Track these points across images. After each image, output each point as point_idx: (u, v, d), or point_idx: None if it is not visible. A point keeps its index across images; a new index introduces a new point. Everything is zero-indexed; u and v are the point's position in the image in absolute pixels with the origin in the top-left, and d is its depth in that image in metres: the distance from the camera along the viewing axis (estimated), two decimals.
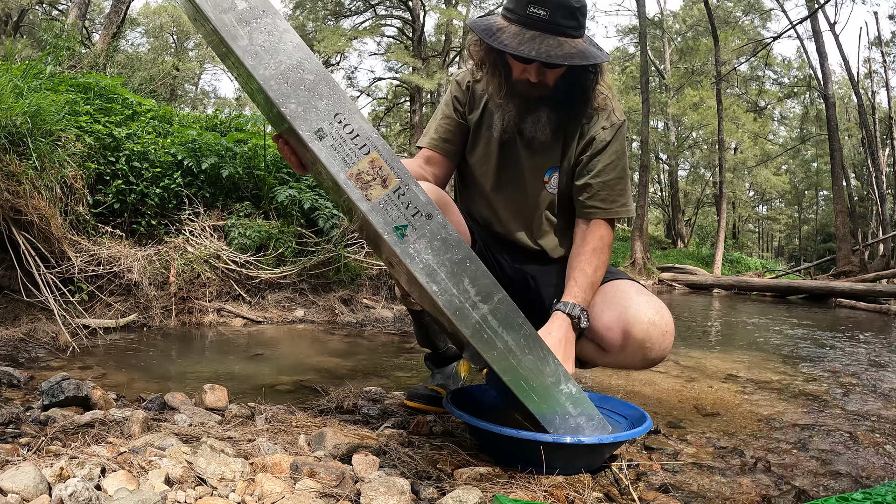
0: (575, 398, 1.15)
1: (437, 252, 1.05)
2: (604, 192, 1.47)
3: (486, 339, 1.08)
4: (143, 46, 25.74)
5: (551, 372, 1.13)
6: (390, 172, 1.03)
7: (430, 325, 1.72)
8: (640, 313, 1.36)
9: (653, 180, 28.35)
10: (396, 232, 1.03)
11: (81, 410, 1.40)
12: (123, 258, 3.13)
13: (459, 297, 1.06)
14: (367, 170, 1.02)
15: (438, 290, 1.05)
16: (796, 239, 40.72)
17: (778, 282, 10.75)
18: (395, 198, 1.03)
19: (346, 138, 1.02)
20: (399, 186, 1.03)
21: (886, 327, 4.96)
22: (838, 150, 14.86)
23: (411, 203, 1.04)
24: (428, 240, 1.04)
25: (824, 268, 18.95)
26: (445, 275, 1.06)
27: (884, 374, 2.56)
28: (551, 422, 1.14)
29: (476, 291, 1.07)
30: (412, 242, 1.04)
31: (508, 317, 1.09)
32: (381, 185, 1.02)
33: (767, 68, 26.24)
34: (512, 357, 1.10)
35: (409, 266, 1.04)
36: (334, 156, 1.01)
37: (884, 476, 1.29)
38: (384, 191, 1.03)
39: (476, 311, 1.07)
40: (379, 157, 1.02)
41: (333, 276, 3.87)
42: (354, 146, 1.02)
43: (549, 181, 1.54)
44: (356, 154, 1.02)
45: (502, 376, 1.10)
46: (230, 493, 0.96)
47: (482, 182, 1.59)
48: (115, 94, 4.04)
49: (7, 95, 2.73)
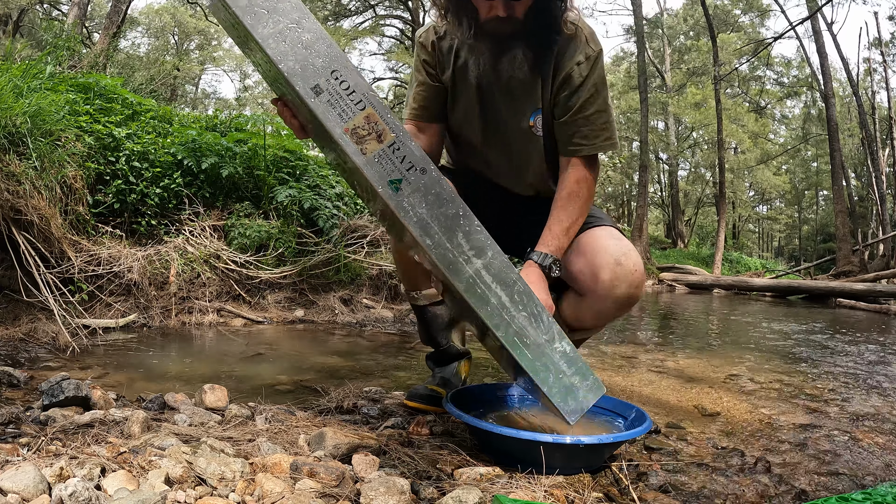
0: (569, 357, 1.15)
1: (430, 206, 1.06)
2: (585, 128, 1.44)
3: (480, 294, 1.09)
4: (144, 46, 25.75)
5: (545, 329, 1.13)
6: (385, 128, 1.04)
7: (432, 321, 1.72)
8: (608, 255, 1.39)
9: (653, 180, 28.35)
10: (391, 185, 1.05)
11: (81, 410, 1.40)
12: (123, 258, 3.13)
13: (453, 252, 1.07)
14: (362, 125, 1.04)
15: (432, 244, 1.06)
16: (796, 239, 40.71)
17: (778, 282, 10.75)
18: (389, 152, 1.05)
19: (342, 94, 1.03)
20: (394, 141, 1.05)
21: (886, 327, 4.96)
22: (838, 150, 14.86)
23: (406, 157, 1.05)
24: (422, 194, 1.06)
25: (824, 268, 18.95)
26: (439, 228, 1.07)
27: (884, 374, 2.56)
28: (545, 380, 1.13)
29: (470, 246, 1.08)
30: (406, 196, 1.05)
31: (502, 272, 1.10)
32: (377, 139, 1.04)
33: (768, 68, 26.25)
34: (505, 313, 1.10)
35: (402, 219, 1.05)
36: (330, 111, 1.03)
37: (884, 476, 1.29)
38: (379, 145, 1.04)
39: (470, 265, 1.08)
40: (374, 112, 1.04)
41: (333, 276, 3.87)
42: (350, 102, 1.03)
43: (534, 124, 1.50)
44: (352, 109, 1.04)
45: (496, 332, 1.10)
46: (230, 493, 0.96)
47: (470, 137, 1.58)
48: (115, 94, 4.04)
49: (7, 95, 2.73)
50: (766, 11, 24.42)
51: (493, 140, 1.56)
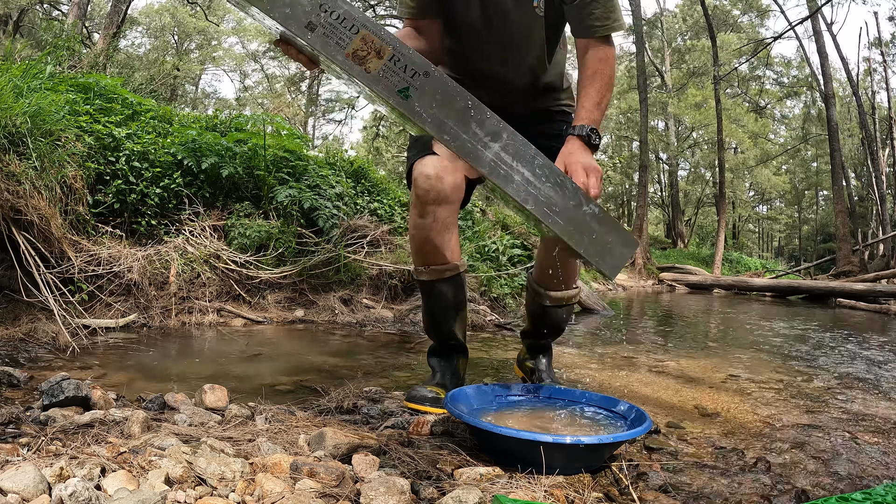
0: (598, 217, 1.20)
1: (440, 105, 1.13)
2: (598, 10, 1.47)
3: (504, 174, 1.16)
4: (144, 46, 25.74)
5: (571, 195, 1.19)
6: (382, 44, 1.10)
7: (438, 300, 1.72)
8: None
9: (653, 180, 28.35)
10: (401, 94, 1.12)
11: (81, 410, 1.40)
12: (123, 258, 3.13)
13: (470, 141, 1.14)
14: (360, 47, 1.10)
15: (450, 139, 1.14)
16: (796, 239, 40.71)
17: (778, 282, 10.75)
18: (391, 65, 1.11)
19: (335, 24, 1.09)
20: (393, 54, 1.11)
21: (886, 327, 4.96)
22: (838, 150, 14.86)
23: (407, 66, 1.11)
24: (430, 96, 1.13)
25: (824, 268, 18.95)
26: (454, 123, 1.14)
27: (883, 374, 2.56)
28: (580, 243, 1.19)
29: (485, 133, 1.15)
30: (416, 100, 1.12)
31: (520, 151, 1.16)
32: (377, 56, 1.10)
33: (767, 68, 26.25)
34: (531, 187, 1.16)
35: (419, 123, 1.13)
36: (328, 42, 1.09)
37: (884, 476, 1.29)
38: (381, 62, 1.10)
39: (488, 150, 1.15)
40: (369, 33, 1.10)
41: (333, 276, 3.87)
42: (344, 29, 1.09)
43: (538, 5, 1.53)
44: (347, 36, 1.09)
45: (525, 206, 1.16)
46: (230, 493, 0.96)
47: (469, 21, 1.58)
48: (115, 94, 4.04)
49: (7, 95, 2.73)
50: (765, 11, 24.43)
51: (493, 22, 1.57)
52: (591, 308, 5.22)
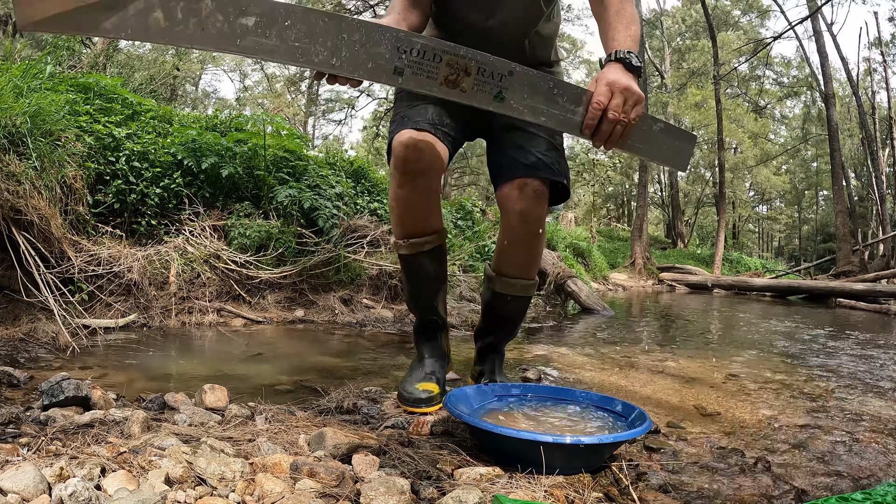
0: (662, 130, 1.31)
1: (531, 94, 1.20)
2: None
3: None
4: (144, 46, 25.71)
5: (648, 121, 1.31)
6: (465, 61, 1.15)
7: (418, 272, 1.70)
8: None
9: (653, 180, 28.34)
10: (496, 99, 1.18)
11: (81, 410, 1.40)
12: (123, 258, 3.13)
13: (561, 114, 1.23)
14: (449, 72, 1.15)
15: (546, 119, 1.21)
16: (796, 239, 40.72)
17: (778, 282, 10.75)
18: (481, 77, 1.17)
19: (419, 61, 1.13)
20: (479, 67, 1.16)
21: (886, 327, 4.96)
22: (838, 150, 14.86)
23: (494, 72, 1.17)
24: (520, 91, 1.19)
25: (824, 268, 18.95)
26: (545, 106, 1.21)
27: (883, 374, 2.56)
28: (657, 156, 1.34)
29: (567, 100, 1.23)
30: (511, 99, 1.19)
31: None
32: (466, 74, 1.16)
33: (767, 68, 26.25)
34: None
35: (517, 116, 1.21)
36: (420, 79, 1.14)
37: (884, 476, 1.29)
38: (471, 78, 1.16)
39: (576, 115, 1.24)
40: (451, 56, 1.14)
41: (333, 276, 3.87)
42: (428, 61, 1.13)
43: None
44: (434, 66, 1.14)
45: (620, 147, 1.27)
46: (230, 493, 0.96)
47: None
48: (115, 94, 4.04)
49: (7, 95, 2.73)
50: (765, 11, 24.43)
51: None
52: (591, 308, 5.22)
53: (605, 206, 35.34)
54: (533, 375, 2.22)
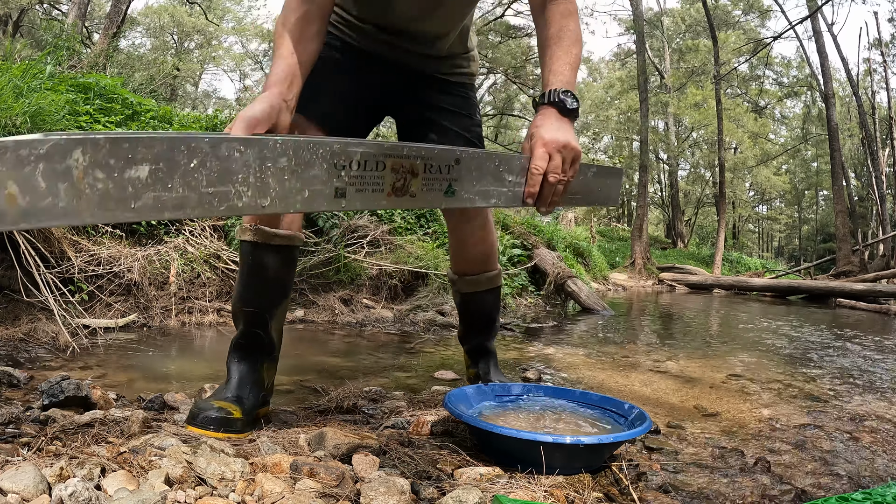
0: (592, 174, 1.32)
1: (479, 179, 1.12)
2: None
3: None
4: (144, 46, 25.72)
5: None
6: (410, 161, 1.04)
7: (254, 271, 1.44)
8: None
9: (653, 180, 28.34)
10: (448, 195, 1.09)
11: (81, 410, 1.40)
12: (123, 258, 3.13)
13: (510, 189, 1.16)
14: (395, 178, 1.02)
15: (496, 201, 1.14)
16: (796, 239, 40.72)
17: (778, 282, 10.75)
18: (429, 175, 1.06)
19: (360, 174, 0.98)
20: (424, 164, 1.06)
21: (886, 327, 4.96)
22: (838, 150, 14.86)
23: (441, 165, 1.07)
24: (468, 178, 1.10)
25: (824, 268, 18.95)
26: (494, 186, 1.14)
27: (883, 374, 2.56)
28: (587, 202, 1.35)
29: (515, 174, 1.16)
30: (461, 190, 1.10)
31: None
32: (413, 175, 1.05)
33: (767, 68, 26.26)
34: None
35: (469, 205, 1.13)
36: (365, 196, 0.99)
37: (884, 476, 1.29)
38: (419, 178, 1.05)
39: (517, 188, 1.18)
40: (394, 159, 1.02)
41: (333, 276, 3.87)
42: (371, 172, 0.99)
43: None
44: (378, 176, 1.00)
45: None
46: (230, 493, 0.96)
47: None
48: (115, 94, 4.04)
49: (7, 95, 2.73)
50: (766, 11, 24.43)
51: None
52: (591, 308, 5.22)
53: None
54: (533, 375, 2.22)
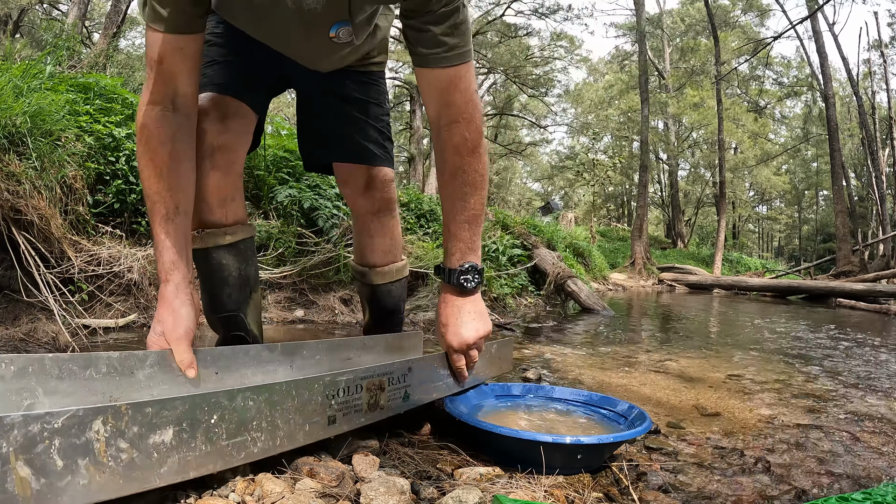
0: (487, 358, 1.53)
1: (427, 380, 1.27)
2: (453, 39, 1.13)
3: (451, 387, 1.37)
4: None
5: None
6: (378, 378, 1.12)
7: (215, 273, 1.39)
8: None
9: (653, 180, 28.35)
10: (404, 400, 1.21)
11: None
12: (123, 258, 3.13)
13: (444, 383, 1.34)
14: (370, 397, 1.10)
15: (437, 394, 1.31)
16: (796, 239, 40.74)
17: (778, 282, 10.75)
18: (393, 387, 1.16)
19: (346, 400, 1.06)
20: (388, 376, 1.15)
21: (886, 327, 4.96)
22: (838, 150, 14.87)
23: (399, 375, 1.18)
24: (419, 380, 1.23)
25: (824, 268, 18.96)
26: (436, 384, 1.31)
27: (883, 374, 2.56)
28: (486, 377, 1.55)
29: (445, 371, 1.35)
30: (413, 394, 1.22)
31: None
32: (381, 390, 1.13)
33: (767, 68, 26.27)
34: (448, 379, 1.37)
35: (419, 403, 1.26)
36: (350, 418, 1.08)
37: (884, 476, 1.29)
38: (385, 392, 1.14)
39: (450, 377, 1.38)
40: (366, 381, 1.10)
41: (333, 276, 3.88)
42: (352, 396, 1.07)
43: (336, 35, 1.20)
44: (357, 398, 1.08)
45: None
46: (230, 493, 0.96)
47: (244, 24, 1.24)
48: (115, 94, 4.04)
49: (7, 95, 2.73)
50: (766, 11, 24.45)
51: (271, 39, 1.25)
52: (590, 308, 5.22)
53: (605, 206, 35.35)
54: (533, 375, 2.22)
